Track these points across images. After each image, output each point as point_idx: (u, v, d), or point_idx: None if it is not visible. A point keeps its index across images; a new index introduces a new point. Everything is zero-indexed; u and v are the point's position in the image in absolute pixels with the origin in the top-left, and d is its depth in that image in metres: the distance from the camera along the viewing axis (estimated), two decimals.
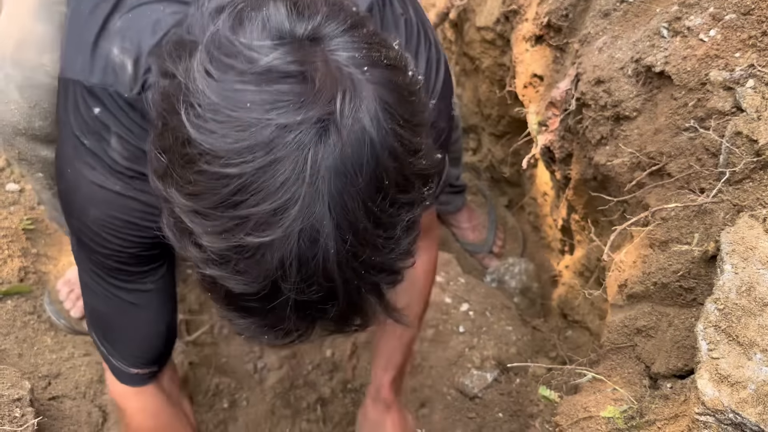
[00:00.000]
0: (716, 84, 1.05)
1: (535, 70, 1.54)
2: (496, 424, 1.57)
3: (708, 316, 0.86)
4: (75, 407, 1.48)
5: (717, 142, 1.04)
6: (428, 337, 1.73)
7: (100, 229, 0.97)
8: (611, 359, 1.24)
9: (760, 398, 0.79)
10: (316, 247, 0.63)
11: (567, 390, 1.38)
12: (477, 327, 1.74)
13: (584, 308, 1.63)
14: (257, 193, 0.61)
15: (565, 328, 1.76)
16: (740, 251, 0.88)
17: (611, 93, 1.21)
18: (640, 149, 1.18)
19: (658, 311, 1.16)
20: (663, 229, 1.14)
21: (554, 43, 1.46)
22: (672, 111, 1.12)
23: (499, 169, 2.18)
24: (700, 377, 0.82)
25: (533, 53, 1.53)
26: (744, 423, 0.79)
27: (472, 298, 1.80)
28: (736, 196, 1.02)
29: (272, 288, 0.65)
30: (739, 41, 1.05)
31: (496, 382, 1.64)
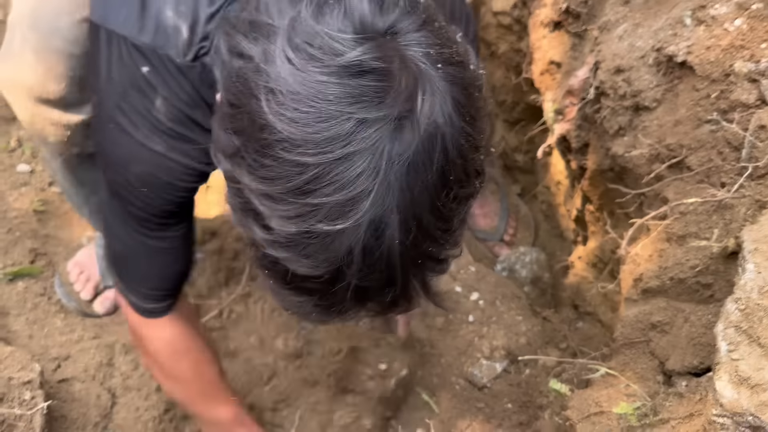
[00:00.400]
0: (741, 75, 1.03)
1: (553, 57, 1.53)
2: (504, 415, 1.56)
3: (728, 316, 0.84)
4: (84, 390, 1.49)
5: (740, 135, 1.03)
6: (437, 325, 1.72)
7: (139, 184, 1.01)
8: (624, 354, 1.24)
9: None
10: (383, 238, 0.65)
11: (578, 383, 1.39)
12: (487, 316, 1.73)
13: (596, 300, 1.62)
14: (332, 183, 0.63)
15: (576, 319, 1.75)
16: (763, 250, 0.86)
17: (631, 82, 1.20)
18: (660, 141, 1.17)
19: (674, 307, 1.15)
20: (681, 224, 1.12)
21: (573, 30, 1.44)
22: (694, 102, 1.10)
23: (512, 157, 2.17)
24: (719, 378, 0.81)
25: (551, 39, 1.52)
26: (763, 427, 0.77)
27: (482, 287, 1.80)
28: (759, 191, 1.00)
29: (336, 273, 0.67)
30: (766, 32, 1.03)
31: (506, 373, 1.64)
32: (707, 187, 1.09)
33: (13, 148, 1.91)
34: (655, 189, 1.19)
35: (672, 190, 1.15)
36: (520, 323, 1.72)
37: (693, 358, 1.08)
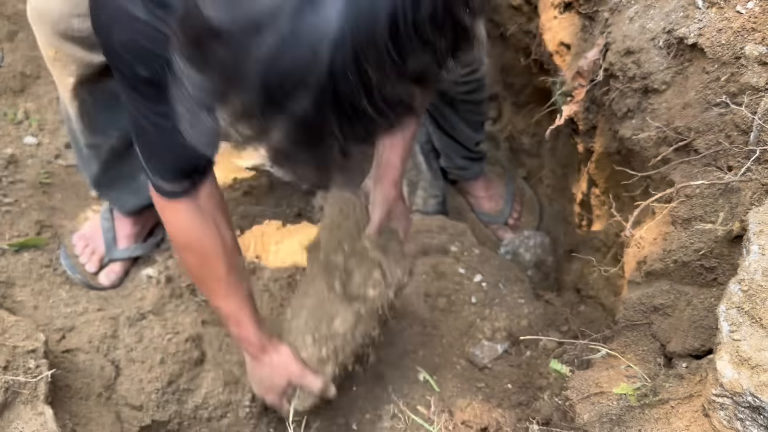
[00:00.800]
0: (751, 58, 1.03)
1: (563, 39, 1.52)
2: (504, 395, 1.57)
3: (731, 297, 0.84)
4: (88, 361, 1.50)
5: (748, 118, 1.02)
6: (440, 306, 1.73)
7: (123, 50, 1.00)
8: (626, 336, 1.25)
9: None
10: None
11: (578, 365, 1.39)
12: (489, 298, 1.74)
13: (599, 284, 1.63)
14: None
15: (578, 302, 1.75)
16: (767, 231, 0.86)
17: (641, 64, 1.20)
18: (668, 124, 1.16)
19: (677, 290, 1.16)
20: (687, 207, 1.13)
21: (583, 11, 1.43)
22: (703, 85, 1.10)
23: (519, 140, 2.17)
24: (720, 358, 0.81)
25: (561, 21, 1.51)
26: (762, 407, 0.77)
27: (485, 269, 1.80)
28: (766, 175, 1.00)
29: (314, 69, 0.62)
30: None
31: (507, 354, 1.64)
32: (714, 170, 1.09)
33: (20, 120, 1.92)
34: (662, 172, 1.19)
35: (678, 173, 1.15)
36: (522, 306, 1.73)
37: (694, 341, 1.08)
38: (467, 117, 1.82)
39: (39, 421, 1.15)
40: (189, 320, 1.62)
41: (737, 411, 0.81)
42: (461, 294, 1.75)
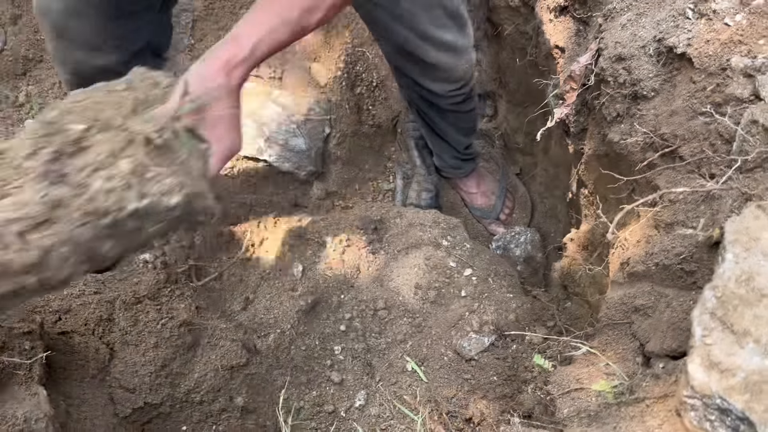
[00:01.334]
0: (737, 70, 1.04)
1: (557, 42, 1.53)
2: (489, 387, 1.58)
3: (705, 303, 0.86)
4: (83, 343, 1.50)
5: (732, 129, 1.04)
6: (430, 298, 1.74)
7: None
8: (607, 334, 1.26)
9: (748, 387, 0.79)
10: None
11: (561, 360, 1.41)
12: (479, 292, 1.74)
13: (585, 282, 1.64)
14: None
15: (564, 299, 1.77)
16: (743, 241, 0.88)
17: (631, 71, 1.20)
18: (655, 130, 1.17)
19: (658, 291, 1.17)
20: (669, 212, 1.14)
21: (578, 15, 1.44)
22: (690, 94, 1.11)
23: (513, 138, 2.17)
24: (692, 361, 0.83)
25: (556, 24, 1.51)
26: (730, 409, 0.79)
27: (476, 263, 1.81)
28: (746, 184, 1.02)
29: None
30: (765, 28, 1.04)
31: (493, 347, 1.64)
32: (697, 177, 1.10)
33: (21, 103, 1.92)
34: (647, 177, 1.19)
35: (663, 179, 1.16)
36: (511, 300, 1.74)
37: (672, 342, 1.09)
38: (457, 124, 1.83)
39: (33, 401, 1.15)
40: (183, 306, 1.62)
41: (707, 412, 0.83)
42: (451, 287, 1.75)
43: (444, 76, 1.55)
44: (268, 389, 1.64)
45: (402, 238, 1.83)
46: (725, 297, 0.85)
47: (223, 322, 1.67)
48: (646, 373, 1.09)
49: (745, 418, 0.78)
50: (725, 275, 0.86)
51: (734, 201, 1.02)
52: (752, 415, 0.77)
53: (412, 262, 1.78)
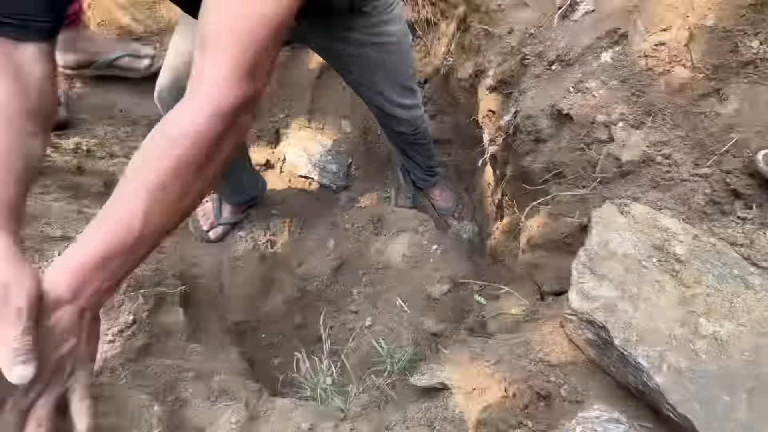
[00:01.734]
0: (600, 123, 1.05)
1: (491, 107, 1.53)
2: (446, 316, 1.59)
3: (580, 258, 0.88)
4: (204, 282, 1.52)
5: (596, 158, 1.05)
6: (411, 263, 1.72)
7: None
8: (518, 282, 1.28)
9: (604, 307, 0.81)
10: None
11: (491, 298, 1.42)
12: (441, 259, 1.74)
13: (506, 253, 1.64)
14: None
15: (493, 264, 1.77)
16: (603, 222, 0.90)
17: (535, 124, 1.21)
18: (549, 159, 1.18)
19: (549, 255, 1.18)
20: (558, 208, 1.15)
21: (503, 91, 1.44)
22: (571, 137, 1.11)
23: (462, 167, 2.16)
24: (571, 293, 0.85)
25: (491, 97, 1.52)
26: (594, 321, 0.81)
27: (440, 242, 1.81)
28: (604, 191, 1.04)
29: None
30: (616, 98, 1.04)
31: (450, 292, 1.65)
32: (575, 187, 1.11)
33: None
34: (545, 188, 1.20)
35: (554, 188, 1.16)
36: (460, 264, 1.74)
37: (557, 285, 1.12)
38: (420, 152, 1.80)
39: (175, 317, 1.16)
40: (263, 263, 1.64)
41: (580, 324, 0.85)
42: (424, 255, 1.75)
43: (404, 123, 1.52)
44: (313, 314, 1.65)
45: (394, 226, 1.83)
46: (592, 255, 0.86)
47: (287, 275, 1.68)
48: (542, 303, 1.12)
49: (603, 326, 0.80)
50: (592, 242, 0.88)
51: (597, 201, 1.03)
52: (607, 324, 0.80)
53: (400, 241, 1.78)
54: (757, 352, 0.73)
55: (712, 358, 0.74)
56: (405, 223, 1.84)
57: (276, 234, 1.79)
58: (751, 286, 0.80)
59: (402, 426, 0.92)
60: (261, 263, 1.65)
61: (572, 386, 0.83)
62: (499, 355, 0.92)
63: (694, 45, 0.96)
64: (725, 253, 0.84)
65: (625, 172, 1.00)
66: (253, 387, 1.03)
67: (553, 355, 0.88)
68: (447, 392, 0.91)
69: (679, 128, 0.98)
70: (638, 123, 1.01)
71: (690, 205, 0.94)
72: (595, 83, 1.07)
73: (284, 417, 0.94)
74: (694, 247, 0.84)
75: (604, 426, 0.72)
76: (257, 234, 1.73)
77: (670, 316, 0.78)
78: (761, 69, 0.89)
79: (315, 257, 1.74)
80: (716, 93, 0.95)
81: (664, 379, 0.73)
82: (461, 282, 1.64)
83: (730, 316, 0.77)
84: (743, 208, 0.90)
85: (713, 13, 0.93)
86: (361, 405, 1.06)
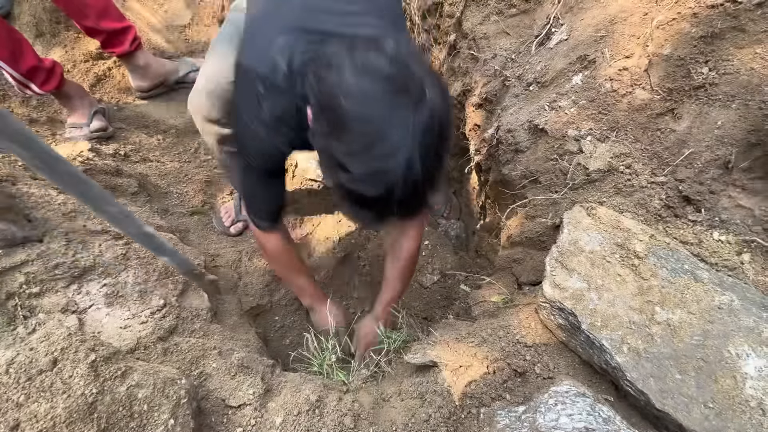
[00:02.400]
0: (570, 137, 1.05)
1: (476, 122, 1.52)
2: (436, 303, 1.60)
3: (552, 254, 0.88)
4: (225, 272, 1.50)
5: (567, 167, 1.05)
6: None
7: (253, 150, 0.95)
8: (499, 274, 1.27)
9: (573, 296, 0.81)
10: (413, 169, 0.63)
11: (475, 287, 1.41)
12: (431, 253, 1.75)
13: (487, 248, 1.64)
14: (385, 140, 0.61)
15: (476, 258, 1.77)
16: (573, 223, 0.90)
17: (515, 137, 1.21)
18: (527, 168, 1.18)
19: (526, 251, 1.18)
20: (533, 210, 1.15)
21: (488, 108, 1.44)
22: (546, 149, 1.11)
23: (451, 174, 2.15)
24: (545, 284, 0.85)
25: (476, 112, 1.51)
26: (564, 308, 0.82)
27: (430, 238, 1.81)
28: (574, 196, 1.03)
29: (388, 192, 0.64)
30: (586, 115, 1.04)
31: (439, 281, 1.66)
32: (548, 192, 1.11)
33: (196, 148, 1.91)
34: (522, 192, 1.20)
35: (530, 193, 1.16)
36: (448, 257, 1.74)
37: (533, 276, 1.11)
38: None
39: (200, 301, 1.15)
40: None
41: (552, 310, 0.85)
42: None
43: None
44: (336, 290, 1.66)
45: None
46: (563, 251, 0.87)
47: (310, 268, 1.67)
48: (520, 292, 1.12)
49: (572, 313, 0.80)
50: (563, 240, 0.88)
51: (568, 204, 1.03)
52: (575, 311, 0.80)
53: None
54: (705, 337, 0.74)
55: (666, 342, 0.74)
56: None
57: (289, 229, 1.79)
58: (700, 280, 0.80)
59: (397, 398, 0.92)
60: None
61: (545, 364, 0.83)
62: (481, 337, 0.92)
63: (652, 70, 0.96)
64: (678, 250, 0.84)
65: (592, 180, 1.00)
66: (267, 362, 1.03)
67: (528, 337, 0.88)
68: (436, 369, 0.91)
69: (639, 142, 0.98)
70: (604, 137, 1.01)
71: (648, 209, 0.94)
72: (567, 102, 1.07)
73: (295, 389, 0.94)
74: (651, 245, 0.85)
75: (572, 399, 0.72)
76: None
77: (630, 304, 0.78)
78: (710, 92, 0.89)
79: (322, 250, 1.74)
80: (671, 112, 0.95)
81: (624, 359, 0.73)
82: (449, 273, 1.64)
83: (681, 305, 0.77)
84: (694, 212, 0.90)
85: (669, 43, 0.93)
86: (362, 379, 1.06)
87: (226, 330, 1.14)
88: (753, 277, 0.80)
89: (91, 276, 0.97)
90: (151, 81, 1.77)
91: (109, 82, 1.86)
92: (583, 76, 1.06)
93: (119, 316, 0.94)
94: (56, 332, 0.70)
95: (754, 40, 0.83)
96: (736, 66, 0.85)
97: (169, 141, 1.84)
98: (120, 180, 1.47)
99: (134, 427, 0.69)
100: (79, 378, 0.66)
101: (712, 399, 0.68)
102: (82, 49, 1.88)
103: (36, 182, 1.10)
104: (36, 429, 0.61)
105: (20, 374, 0.64)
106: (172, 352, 0.92)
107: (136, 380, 0.73)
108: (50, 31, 1.87)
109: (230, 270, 1.51)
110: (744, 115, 0.84)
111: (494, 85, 1.39)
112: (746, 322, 0.74)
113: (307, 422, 0.86)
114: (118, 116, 1.81)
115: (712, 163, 0.88)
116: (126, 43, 1.63)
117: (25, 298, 0.86)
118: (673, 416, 0.68)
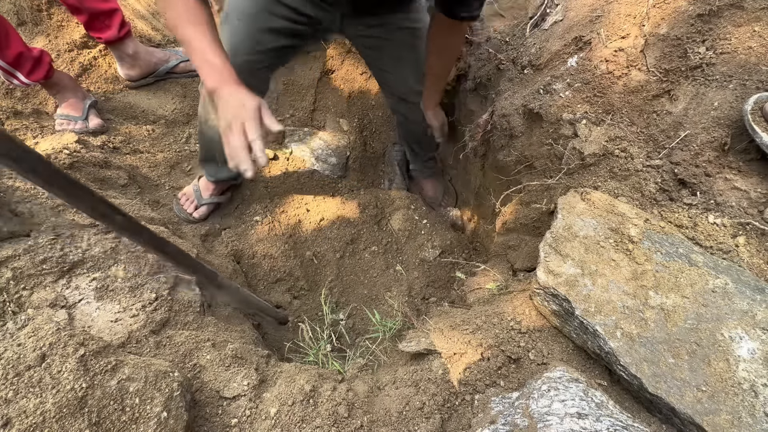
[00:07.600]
0: (565, 121, 1.05)
1: (471, 107, 1.51)
2: (435, 284, 1.60)
3: (546, 240, 0.87)
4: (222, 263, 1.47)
5: (562, 151, 1.05)
6: (407, 234, 1.75)
7: None
8: (494, 261, 1.28)
9: (567, 282, 0.81)
10: None
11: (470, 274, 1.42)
12: (430, 232, 1.76)
13: (483, 234, 1.65)
14: None
15: (471, 243, 1.78)
16: (567, 208, 0.90)
17: (509, 122, 1.20)
18: (521, 153, 1.17)
19: (521, 237, 1.19)
20: (528, 196, 1.15)
21: (482, 93, 1.43)
22: (540, 134, 1.11)
23: (447, 161, 2.16)
24: (539, 270, 0.85)
25: (471, 97, 1.50)
26: (557, 294, 0.82)
27: (429, 218, 1.82)
28: (569, 181, 1.03)
29: None
30: (581, 98, 1.04)
31: (438, 257, 1.69)
32: (543, 177, 1.11)
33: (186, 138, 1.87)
34: (517, 178, 1.20)
35: (525, 179, 1.16)
36: (447, 235, 1.76)
37: (528, 263, 1.11)
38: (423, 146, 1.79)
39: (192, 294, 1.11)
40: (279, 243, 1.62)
41: (546, 297, 0.85)
42: (416, 228, 1.77)
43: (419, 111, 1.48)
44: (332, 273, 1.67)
45: (390, 205, 1.83)
46: (557, 236, 0.86)
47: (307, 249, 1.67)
48: (514, 279, 1.12)
49: (565, 299, 0.80)
50: (557, 225, 0.88)
51: (562, 189, 1.03)
52: (569, 297, 0.80)
53: (396, 216, 1.79)
54: (698, 320, 0.74)
55: (659, 326, 0.74)
56: (399, 201, 1.85)
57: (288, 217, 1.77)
58: (695, 264, 0.80)
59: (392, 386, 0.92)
60: (277, 242, 1.63)
61: (539, 350, 0.84)
62: (476, 324, 0.92)
63: (648, 51, 0.94)
64: (673, 234, 0.84)
65: (587, 164, 0.99)
66: (262, 353, 1.03)
67: (522, 323, 0.88)
68: (431, 356, 0.92)
69: (635, 125, 0.97)
70: (599, 120, 1.00)
71: (643, 193, 0.93)
72: (562, 85, 1.06)
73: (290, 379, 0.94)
74: (646, 230, 0.84)
75: (565, 385, 0.72)
76: (271, 218, 1.71)
77: (624, 289, 0.78)
78: (707, 72, 0.88)
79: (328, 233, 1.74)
80: (667, 94, 0.94)
81: (618, 344, 0.73)
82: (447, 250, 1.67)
83: (675, 290, 0.77)
84: (689, 195, 0.90)
85: (666, 22, 0.91)
86: (357, 368, 1.07)
87: (220, 321, 1.13)
88: (747, 260, 0.80)
89: (81, 270, 0.96)
90: (140, 70, 1.72)
91: (96, 71, 1.82)
92: (579, 58, 1.05)
93: (110, 309, 0.93)
94: (44, 327, 0.69)
95: (752, 17, 0.82)
96: (733, 45, 0.83)
97: (159, 132, 1.80)
98: (109, 172, 1.45)
99: (126, 421, 0.69)
100: (68, 373, 0.66)
101: (705, 382, 0.68)
102: (66, 38, 1.83)
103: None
104: (26, 424, 0.61)
105: (8, 370, 0.63)
106: (165, 345, 0.92)
107: (128, 374, 0.72)
108: (32, 19, 1.82)
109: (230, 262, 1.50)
110: (741, 96, 0.83)
111: (488, 69, 1.38)
112: (740, 305, 0.74)
113: (301, 412, 0.86)
114: (106, 107, 1.77)
115: (708, 145, 0.87)
116: (113, 28, 1.57)
117: (13, 294, 0.85)
118: (666, 400, 0.68)
